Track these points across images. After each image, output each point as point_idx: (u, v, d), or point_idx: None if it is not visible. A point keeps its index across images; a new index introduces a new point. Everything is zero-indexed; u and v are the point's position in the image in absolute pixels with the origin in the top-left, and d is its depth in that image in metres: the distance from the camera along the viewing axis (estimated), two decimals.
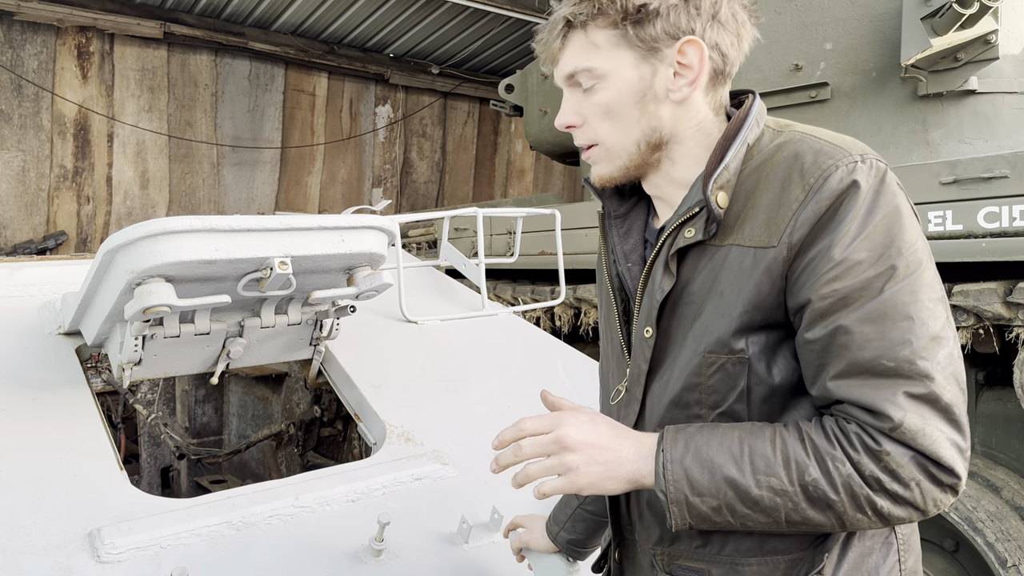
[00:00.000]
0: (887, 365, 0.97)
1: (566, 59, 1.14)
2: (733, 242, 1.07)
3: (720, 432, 1.05)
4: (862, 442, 0.97)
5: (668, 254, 1.12)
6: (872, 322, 0.97)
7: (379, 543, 1.78)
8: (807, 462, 0.99)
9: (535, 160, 12.79)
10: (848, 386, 0.99)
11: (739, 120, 1.14)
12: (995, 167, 2.95)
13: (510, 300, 5.05)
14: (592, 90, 1.13)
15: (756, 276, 1.04)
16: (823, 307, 1.00)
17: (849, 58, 4.18)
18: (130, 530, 1.70)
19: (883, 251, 0.98)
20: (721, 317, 1.07)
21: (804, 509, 0.99)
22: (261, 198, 10.61)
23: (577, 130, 1.17)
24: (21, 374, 2.15)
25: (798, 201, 1.02)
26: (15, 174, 8.85)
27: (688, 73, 1.12)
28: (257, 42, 10.11)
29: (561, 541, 1.52)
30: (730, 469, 1.01)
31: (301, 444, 3.29)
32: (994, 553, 2.85)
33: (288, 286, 1.99)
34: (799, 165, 1.04)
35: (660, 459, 1.04)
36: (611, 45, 1.11)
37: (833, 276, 0.99)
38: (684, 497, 1.02)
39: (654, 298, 1.13)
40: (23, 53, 8.78)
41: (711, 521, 1.03)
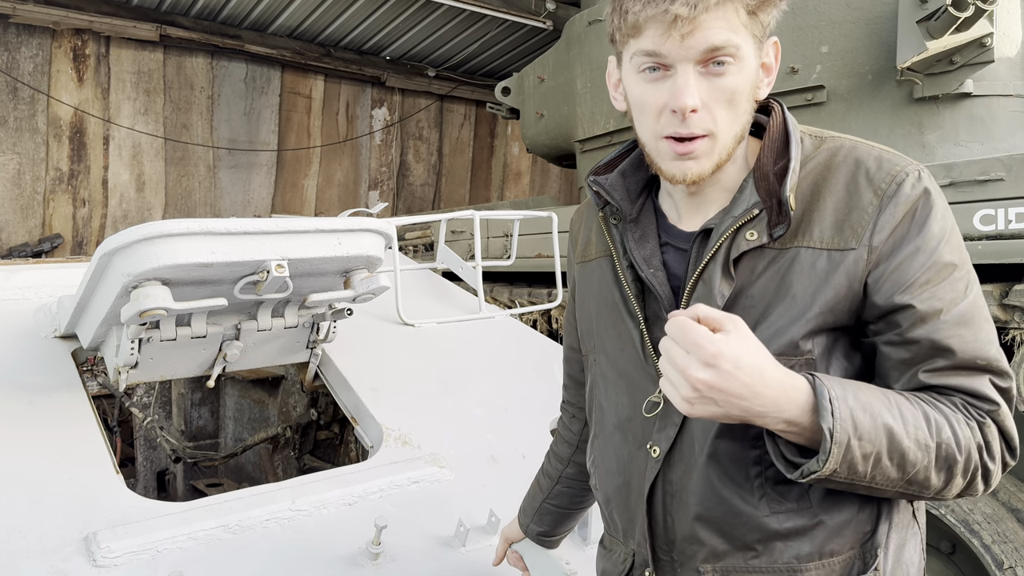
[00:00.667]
0: (981, 363, 1.03)
1: (714, 32, 1.01)
2: (800, 244, 1.06)
3: (864, 385, 1.02)
4: (970, 412, 1.03)
5: (728, 258, 1.08)
6: (966, 325, 1.03)
7: (376, 546, 1.78)
8: (941, 421, 1.01)
9: (531, 163, 12.80)
10: (945, 377, 1.03)
11: (780, 124, 1.13)
12: (991, 170, 2.95)
13: (507, 303, 5.05)
14: (724, 71, 1.03)
15: (835, 278, 1.04)
16: (924, 310, 1.02)
17: (845, 61, 4.19)
18: (126, 534, 1.70)
19: (960, 254, 1.05)
20: (793, 319, 1.05)
21: (931, 468, 1.01)
22: (257, 201, 10.60)
23: (695, 116, 1.04)
24: (17, 377, 2.14)
25: (873, 205, 1.04)
26: (10, 177, 8.83)
27: (770, 72, 1.12)
28: (253, 45, 10.10)
29: (532, 533, 1.61)
30: (887, 416, 0.98)
31: (298, 447, 3.29)
32: (991, 555, 2.85)
33: (285, 289, 1.99)
34: (863, 170, 1.06)
35: (826, 394, 0.96)
36: (747, 28, 1.04)
37: (926, 280, 1.02)
38: (847, 438, 0.95)
39: (712, 303, 1.07)
40: (19, 56, 8.76)
41: (854, 471, 0.98)
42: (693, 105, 1.03)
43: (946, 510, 2.97)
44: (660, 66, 1.05)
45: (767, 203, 1.07)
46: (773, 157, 1.10)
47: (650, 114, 1.07)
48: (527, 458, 2.33)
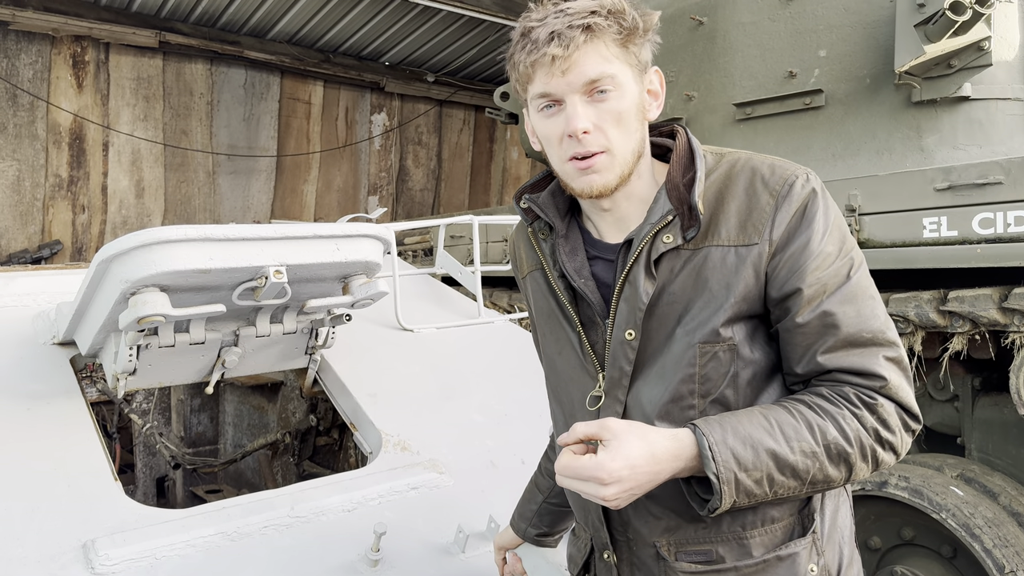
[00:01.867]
0: (866, 336, 1.17)
1: (588, 66, 1.18)
2: (710, 244, 1.21)
3: (744, 414, 1.15)
4: (860, 399, 1.15)
5: (649, 260, 1.22)
6: (849, 303, 1.17)
7: (375, 553, 1.78)
8: (825, 424, 1.13)
9: (531, 167, 12.80)
10: (838, 357, 1.16)
11: (685, 143, 1.29)
12: (989, 173, 2.95)
13: (506, 307, 5.05)
14: (607, 97, 1.19)
15: (743, 270, 1.18)
16: (810, 293, 1.16)
17: (843, 65, 4.20)
18: (124, 541, 1.69)
19: (842, 244, 1.19)
20: (713, 310, 1.19)
21: (827, 467, 1.13)
22: (257, 207, 10.60)
23: (589, 136, 1.20)
24: (15, 384, 2.14)
25: (770, 205, 1.19)
26: (10, 183, 8.83)
27: (654, 98, 1.28)
28: (253, 51, 10.11)
29: (530, 536, 1.67)
30: (768, 441, 1.11)
31: (297, 453, 3.28)
32: (992, 559, 2.84)
33: (283, 295, 1.99)
34: (759, 176, 1.22)
35: (706, 443, 1.10)
36: (619, 59, 1.20)
37: (814, 267, 1.17)
38: (734, 475, 1.09)
39: (638, 302, 1.22)
40: (18, 62, 8.77)
41: (751, 495, 1.11)
42: (584, 127, 1.19)
43: (947, 515, 2.97)
44: (553, 102, 1.22)
45: (679, 210, 1.22)
46: (681, 171, 1.25)
47: (554, 143, 1.24)
48: (526, 464, 2.33)
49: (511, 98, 7.20)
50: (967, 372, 3.29)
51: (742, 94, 4.52)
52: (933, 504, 3.00)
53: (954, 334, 3.02)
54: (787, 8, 4.36)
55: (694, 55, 4.71)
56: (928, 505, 3.02)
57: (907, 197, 3.18)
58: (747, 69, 4.51)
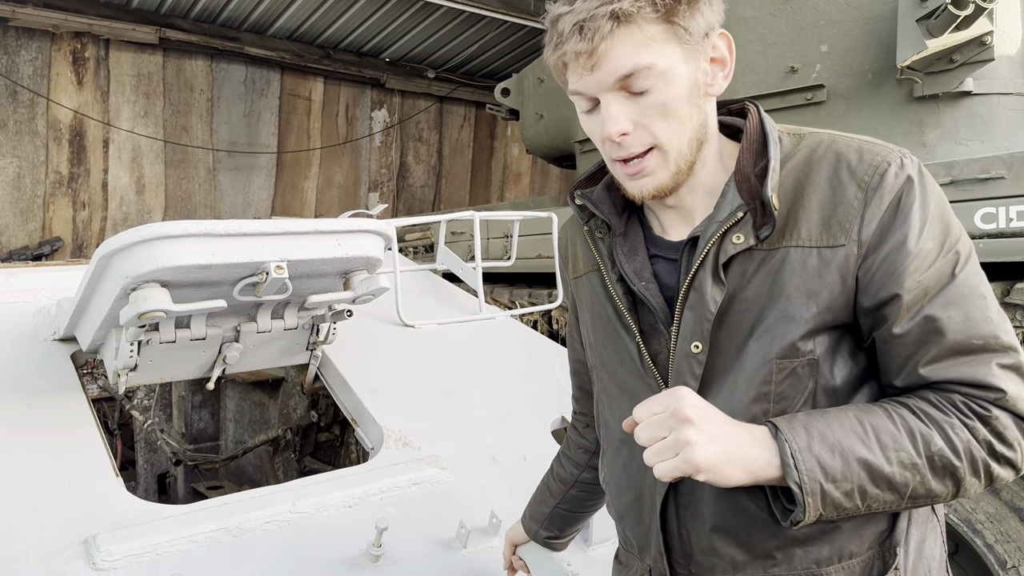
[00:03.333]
0: (976, 343, 1.01)
1: (619, 58, 1.03)
2: (789, 244, 1.05)
3: (835, 416, 1.02)
4: (971, 409, 1.00)
5: (717, 263, 1.07)
6: (954, 306, 1.01)
7: (377, 548, 1.78)
8: (930, 432, 0.99)
9: (531, 164, 12.80)
10: (944, 368, 1.01)
11: (757, 124, 1.12)
12: (991, 168, 2.95)
13: (507, 303, 5.04)
14: (648, 90, 1.04)
15: (828, 275, 1.03)
16: (910, 300, 1.01)
17: (845, 60, 4.19)
18: (126, 537, 1.69)
19: (944, 238, 1.02)
20: (790, 321, 1.05)
21: (929, 480, 0.99)
22: (257, 203, 10.60)
23: (629, 138, 1.07)
24: (16, 380, 2.14)
25: (858, 199, 1.03)
26: (10, 180, 8.83)
27: (721, 66, 1.10)
28: (253, 47, 10.10)
29: (540, 538, 1.60)
30: (861, 449, 0.98)
31: (298, 449, 3.28)
32: (993, 554, 2.84)
33: (284, 291, 1.98)
34: (845, 163, 1.05)
35: (787, 449, 0.97)
36: (664, 40, 1.03)
37: (913, 268, 1.01)
38: (819, 486, 0.97)
39: (705, 311, 1.08)
40: (18, 59, 8.77)
41: (840, 508, 0.99)
42: (620, 130, 1.05)
43: (948, 509, 2.96)
44: (590, 100, 1.08)
45: (751, 205, 1.06)
46: (752, 158, 1.09)
47: (598, 143, 1.11)
48: (528, 459, 2.33)
49: (512, 94, 7.20)
50: None
51: (743, 89, 4.51)
52: None
53: None
54: (788, 3, 4.35)
55: None
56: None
57: None
58: (748, 64, 4.51)
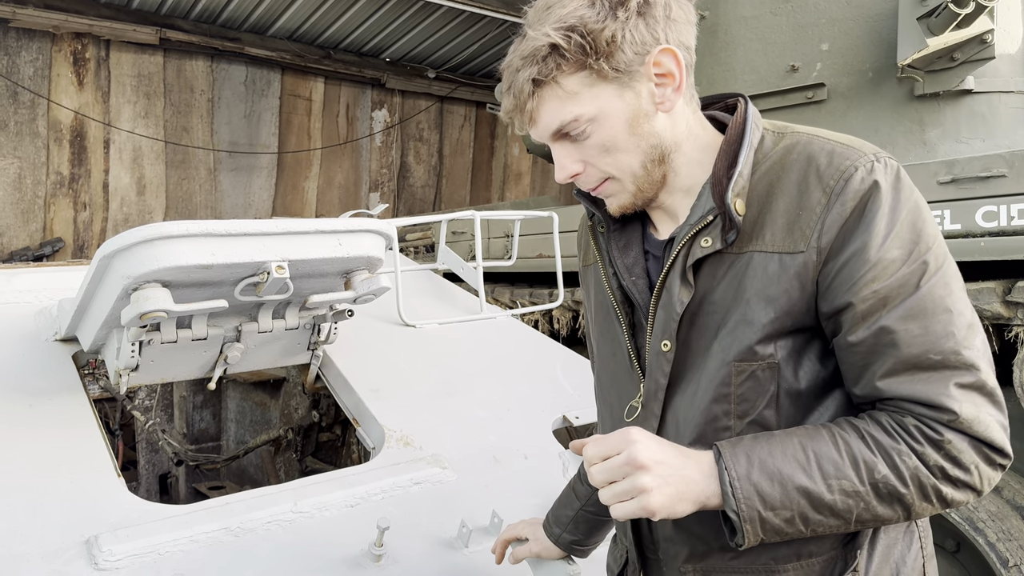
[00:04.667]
0: (934, 359, 0.98)
1: (548, 118, 1.10)
2: (754, 248, 1.06)
3: (779, 441, 1.02)
4: (922, 433, 0.98)
5: (685, 265, 1.09)
6: (914, 319, 0.98)
7: (379, 548, 1.77)
8: (874, 459, 0.99)
9: (532, 163, 12.79)
10: (899, 383, 0.99)
11: (739, 124, 1.12)
12: (993, 166, 2.95)
13: (508, 303, 5.04)
14: (583, 135, 1.09)
15: (786, 281, 1.03)
16: (864, 309, 1.00)
17: (845, 59, 4.19)
18: (128, 537, 1.69)
19: (912, 247, 1.00)
20: (749, 324, 1.06)
21: (875, 506, 0.99)
22: (258, 203, 10.60)
23: (581, 176, 1.14)
24: (17, 381, 2.14)
25: (821, 204, 1.01)
26: (11, 181, 8.83)
27: (670, 81, 1.11)
28: (253, 47, 10.10)
29: (564, 542, 1.51)
30: (800, 478, 0.98)
31: (300, 449, 3.28)
32: (995, 553, 2.84)
33: (285, 290, 1.98)
34: (814, 167, 1.04)
35: (726, 478, 0.99)
36: (587, 86, 1.07)
37: (871, 278, 0.99)
38: (757, 514, 0.98)
39: (672, 311, 1.10)
40: (19, 60, 8.77)
41: (783, 533, 1.00)
42: (568, 175, 1.14)
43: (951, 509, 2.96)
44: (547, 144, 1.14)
45: (721, 208, 1.06)
46: (727, 161, 1.09)
47: None
48: (529, 459, 2.33)
49: None
50: None
51: (744, 88, 4.51)
52: None
53: None
54: (789, 2, 4.35)
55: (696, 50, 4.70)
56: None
57: None
58: (749, 63, 4.50)
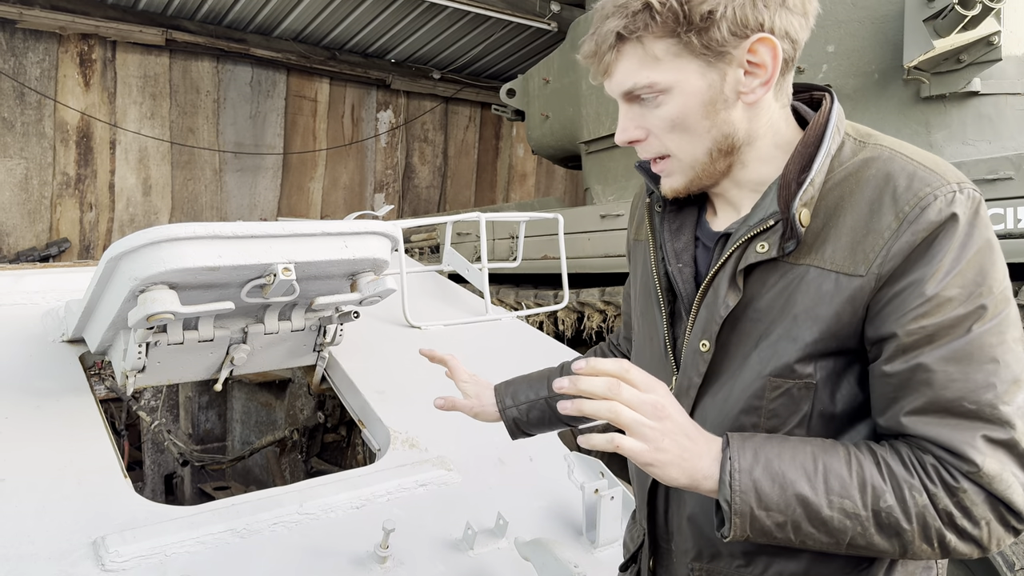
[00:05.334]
0: (968, 408, 0.93)
1: (622, 75, 1.04)
2: (811, 263, 1.00)
3: (791, 445, 0.99)
4: (939, 476, 0.94)
5: (736, 268, 1.04)
6: (957, 362, 0.93)
7: (384, 550, 1.78)
8: (884, 488, 0.95)
9: (537, 164, 12.80)
10: (925, 423, 0.95)
11: (819, 126, 1.05)
12: (999, 168, 2.94)
13: (513, 304, 5.05)
14: (656, 103, 1.04)
15: (837, 304, 0.98)
16: (908, 343, 0.95)
17: (851, 60, 4.18)
18: (134, 538, 1.69)
19: (974, 288, 0.94)
20: (792, 341, 1.01)
21: (872, 535, 0.95)
22: (263, 204, 10.62)
23: (642, 144, 1.08)
24: (25, 382, 2.15)
25: (891, 230, 0.96)
26: (18, 182, 8.86)
27: (761, 72, 1.03)
28: (259, 48, 10.12)
29: (508, 417, 1.50)
30: (803, 486, 0.95)
31: (305, 450, 3.29)
32: (1001, 556, 2.83)
33: (291, 292, 1.99)
34: (891, 188, 0.97)
35: (727, 467, 0.96)
36: (672, 55, 1.01)
37: (922, 312, 0.94)
38: (750, 510, 0.95)
39: (716, 313, 1.06)
40: (25, 61, 8.80)
41: (771, 536, 0.97)
42: (626, 139, 1.08)
43: None
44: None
45: (784, 215, 1.01)
46: (800, 164, 1.03)
47: None
48: (535, 460, 2.33)
49: (517, 95, 7.20)
50: None
51: None
52: None
53: None
54: None
55: None
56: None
57: None
58: None
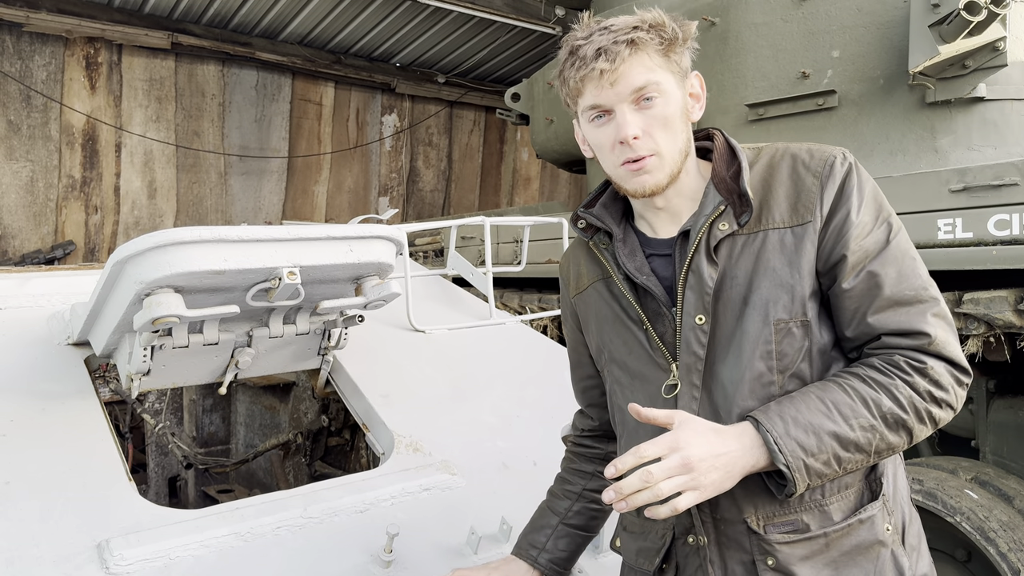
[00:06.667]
0: (909, 295, 1.25)
1: (635, 74, 1.28)
2: (767, 227, 1.31)
3: (800, 399, 1.23)
4: (910, 365, 1.23)
5: (708, 248, 1.31)
6: (891, 264, 1.26)
7: (388, 554, 1.78)
8: (878, 396, 1.22)
9: (541, 168, 12.80)
10: (885, 318, 1.25)
11: (723, 141, 1.40)
12: (1005, 174, 2.93)
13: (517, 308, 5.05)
14: (652, 104, 1.29)
15: (804, 247, 1.28)
16: (854, 260, 1.26)
17: (857, 66, 4.18)
18: (139, 541, 1.70)
19: (878, 212, 1.30)
20: (781, 287, 1.28)
21: (887, 435, 1.22)
22: (268, 207, 10.64)
23: (639, 141, 1.30)
24: (30, 384, 2.15)
25: (816, 185, 1.30)
26: (24, 184, 8.89)
27: (696, 101, 1.39)
28: (264, 52, 10.15)
29: (542, 563, 1.62)
30: (828, 424, 1.20)
31: (309, 454, 3.29)
32: (1007, 563, 2.82)
33: (296, 296, 1.99)
34: (800, 161, 1.33)
35: (770, 439, 1.19)
36: (662, 67, 1.30)
37: (856, 235, 1.26)
38: (803, 462, 1.18)
39: (705, 287, 1.31)
40: (32, 64, 8.84)
41: (823, 475, 1.21)
42: (635, 133, 1.29)
43: (961, 518, 2.94)
44: (604, 112, 1.32)
45: (729, 199, 1.32)
46: (725, 165, 1.37)
47: (606, 150, 1.34)
48: (538, 465, 2.33)
49: (522, 99, 7.21)
50: (982, 375, 3.27)
51: (754, 95, 4.51)
52: (947, 507, 2.99)
53: (969, 336, 3.00)
54: (800, 8, 4.34)
55: (706, 56, 4.70)
56: (942, 508, 3.00)
57: (921, 198, 3.17)
58: (759, 70, 4.50)
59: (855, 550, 1.29)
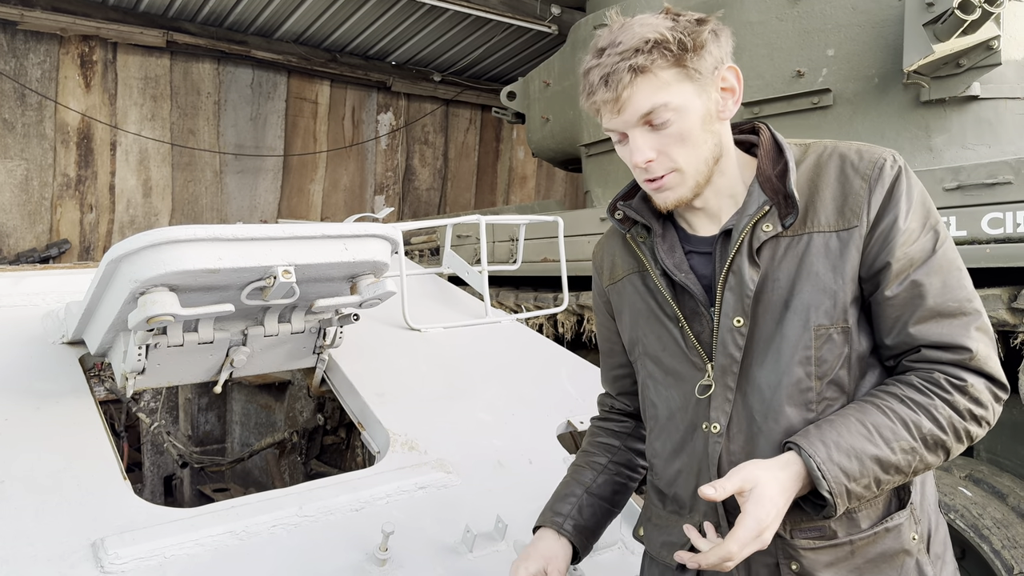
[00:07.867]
0: (952, 306, 1.22)
1: (640, 101, 1.25)
2: (812, 230, 1.27)
3: (839, 422, 1.21)
4: (949, 382, 1.21)
5: (751, 249, 1.28)
6: (935, 274, 1.23)
7: (383, 552, 1.78)
8: (918, 418, 1.20)
9: (537, 167, 12.80)
10: (927, 329, 1.22)
11: (769, 137, 1.36)
12: (999, 173, 2.94)
13: (513, 307, 5.05)
14: (666, 123, 1.26)
15: (849, 253, 1.25)
16: (898, 267, 1.23)
17: (851, 64, 4.19)
18: (134, 540, 1.70)
19: (925, 220, 1.26)
20: (824, 293, 1.26)
21: (926, 456, 1.21)
22: (264, 206, 10.62)
23: (653, 164, 1.29)
24: (24, 383, 2.15)
25: (864, 188, 1.26)
26: (18, 183, 8.86)
27: (731, 94, 1.32)
28: (259, 50, 10.13)
29: (568, 529, 1.57)
30: (870, 448, 1.18)
31: (304, 452, 3.29)
32: (1000, 560, 2.83)
33: (291, 295, 1.99)
34: (849, 163, 1.29)
35: (813, 465, 1.18)
36: (677, 81, 1.25)
37: (902, 242, 1.23)
38: (844, 488, 1.17)
39: (745, 289, 1.28)
40: (26, 62, 8.81)
41: (862, 497, 1.20)
42: (647, 158, 1.28)
43: (956, 515, 2.96)
44: (620, 135, 1.31)
45: (774, 200, 1.29)
46: (771, 163, 1.32)
47: (630, 167, 1.33)
48: (534, 463, 2.33)
49: (518, 97, 7.21)
50: None
51: (749, 93, 4.51)
52: (941, 505, 3.00)
53: None
54: (795, 7, 4.35)
55: None
56: None
57: None
58: (754, 68, 4.50)
59: (880, 558, 1.28)
